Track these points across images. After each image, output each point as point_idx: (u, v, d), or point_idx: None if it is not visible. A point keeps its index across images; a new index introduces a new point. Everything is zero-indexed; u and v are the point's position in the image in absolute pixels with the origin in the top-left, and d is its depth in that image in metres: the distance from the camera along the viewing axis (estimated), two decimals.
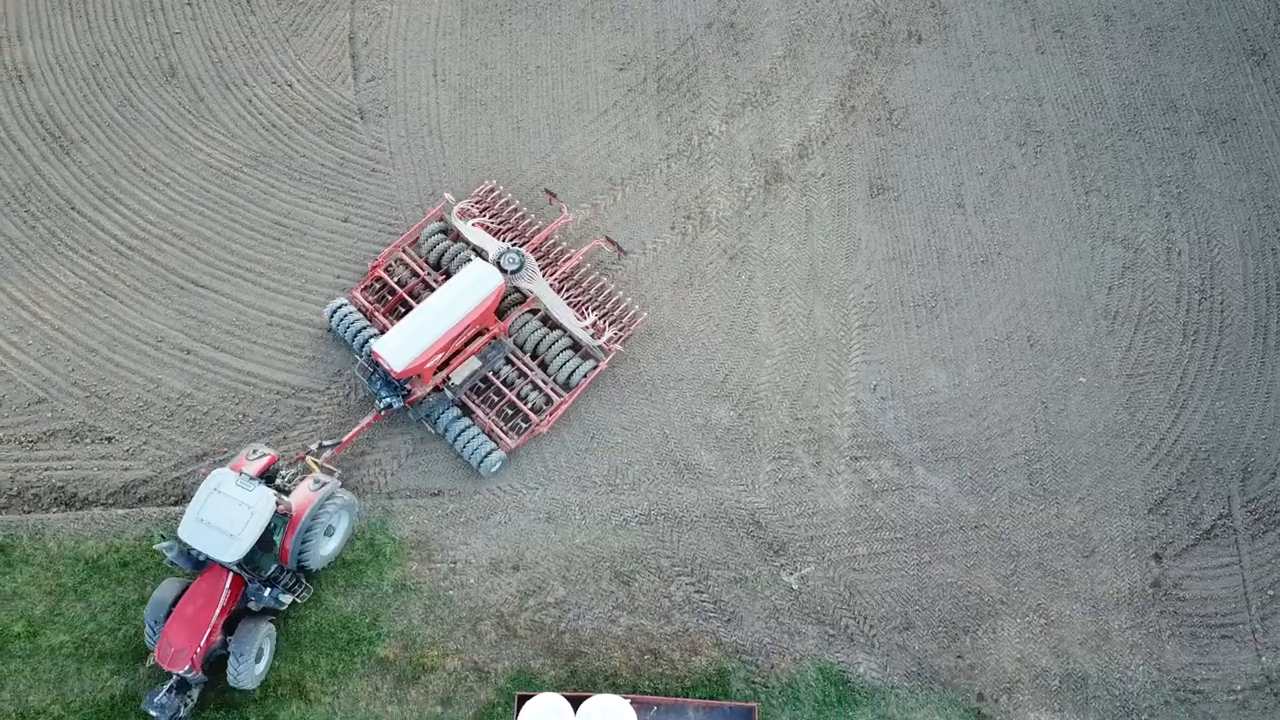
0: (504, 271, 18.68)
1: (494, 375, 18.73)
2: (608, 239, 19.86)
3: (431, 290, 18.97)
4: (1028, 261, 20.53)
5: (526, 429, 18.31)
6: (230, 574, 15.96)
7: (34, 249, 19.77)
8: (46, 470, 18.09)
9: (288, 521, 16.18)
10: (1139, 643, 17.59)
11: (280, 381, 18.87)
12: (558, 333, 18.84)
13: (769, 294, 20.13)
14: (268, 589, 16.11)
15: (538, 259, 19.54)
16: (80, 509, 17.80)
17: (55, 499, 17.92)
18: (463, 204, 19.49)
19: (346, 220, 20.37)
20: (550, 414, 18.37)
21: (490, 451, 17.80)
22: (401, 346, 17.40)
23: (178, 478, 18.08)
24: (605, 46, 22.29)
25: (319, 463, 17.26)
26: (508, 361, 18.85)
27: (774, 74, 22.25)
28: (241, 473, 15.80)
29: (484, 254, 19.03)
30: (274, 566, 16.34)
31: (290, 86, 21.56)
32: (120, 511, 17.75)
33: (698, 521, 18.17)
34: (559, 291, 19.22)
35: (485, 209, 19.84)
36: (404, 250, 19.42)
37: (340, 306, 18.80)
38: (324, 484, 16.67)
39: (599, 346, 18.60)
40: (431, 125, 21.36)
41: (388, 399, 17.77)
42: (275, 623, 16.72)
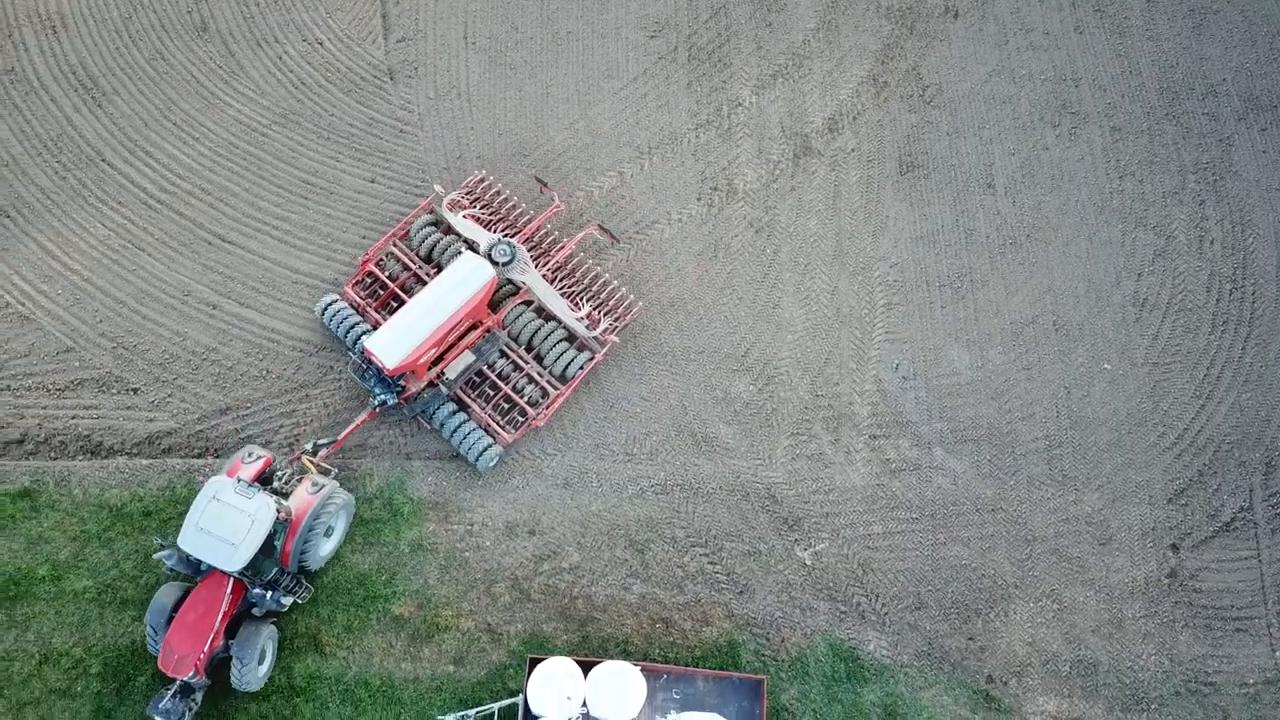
0: (495, 264, 18.29)
1: (489, 369, 18.49)
2: (599, 226, 19.57)
3: (423, 284, 18.66)
4: (1057, 245, 20.29)
5: (523, 423, 18.14)
6: (231, 579, 15.86)
7: (64, 200, 19.92)
8: (74, 418, 18.34)
9: (288, 526, 16.12)
10: (1152, 632, 17.54)
11: (304, 339, 18.99)
12: (552, 324, 18.52)
13: (794, 269, 20.01)
14: (269, 592, 16.03)
15: (530, 250, 19.21)
16: (105, 458, 18.06)
17: (81, 447, 18.17)
18: (453, 195, 19.15)
19: (373, 181, 20.38)
20: (547, 407, 18.18)
21: (487, 446, 17.63)
22: (394, 343, 17.08)
23: (201, 430, 18.28)
24: (637, 13, 22.06)
25: (315, 462, 17.21)
26: (502, 355, 18.56)
27: (806, 46, 21.97)
28: (239, 478, 15.65)
29: (475, 246, 18.69)
30: (274, 570, 16.29)
31: (321, 44, 21.51)
32: (144, 461, 18.00)
33: (714, 494, 18.21)
34: (552, 282, 18.86)
35: (476, 200, 19.44)
36: (394, 244, 19.12)
37: (332, 303, 18.55)
38: (322, 485, 16.58)
39: (594, 338, 18.38)
40: (460, 88, 21.27)
41: (382, 396, 17.52)
42: (277, 623, 16.68)
